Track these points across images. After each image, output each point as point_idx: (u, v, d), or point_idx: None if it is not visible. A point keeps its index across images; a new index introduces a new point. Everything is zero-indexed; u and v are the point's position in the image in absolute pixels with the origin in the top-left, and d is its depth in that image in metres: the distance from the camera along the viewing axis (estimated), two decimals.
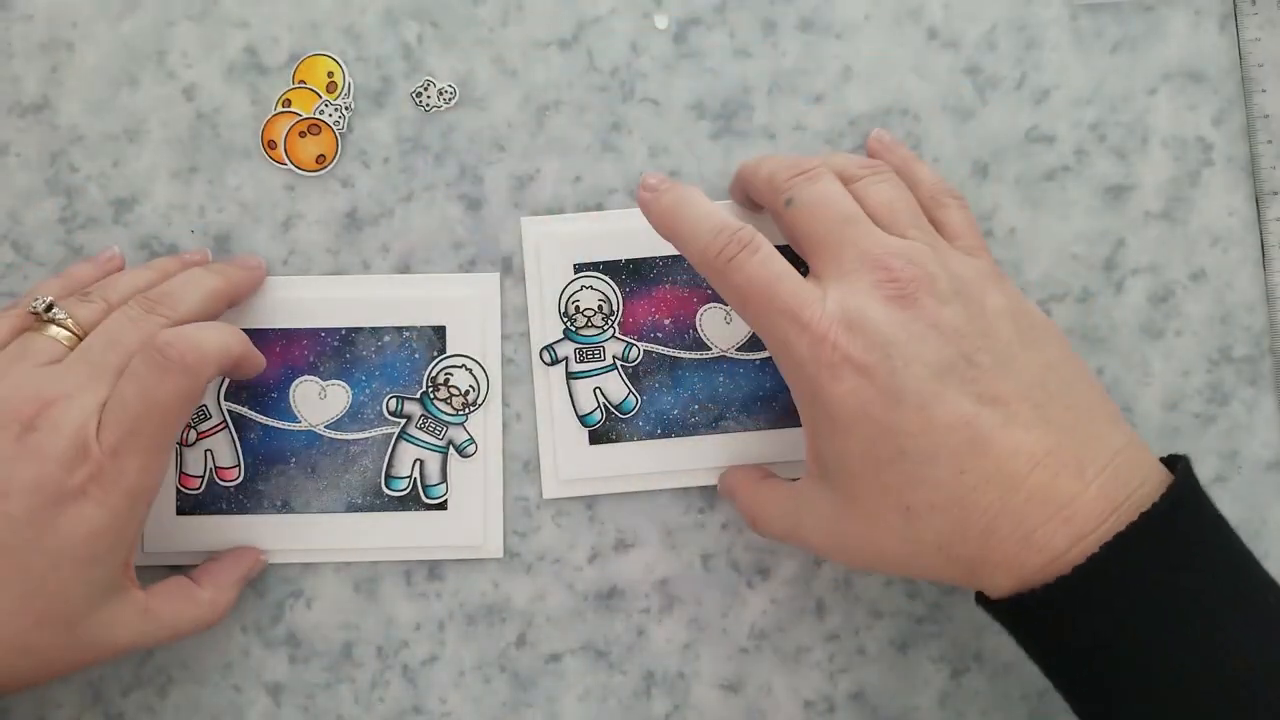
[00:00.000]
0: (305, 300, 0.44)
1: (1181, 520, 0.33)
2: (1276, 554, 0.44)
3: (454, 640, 0.44)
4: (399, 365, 0.44)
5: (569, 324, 0.44)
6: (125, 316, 0.38)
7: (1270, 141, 0.45)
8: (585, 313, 0.44)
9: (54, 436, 0.35)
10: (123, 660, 0.43)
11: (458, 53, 0.45)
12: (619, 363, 0.44)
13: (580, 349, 0.44)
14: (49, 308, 0.39)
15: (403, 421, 0.43)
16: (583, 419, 0.44)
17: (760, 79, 0.45)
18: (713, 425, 0.44)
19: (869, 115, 0.45)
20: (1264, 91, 0.45)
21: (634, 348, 0.44)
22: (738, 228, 0.36)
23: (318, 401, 0.43)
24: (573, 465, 0.44)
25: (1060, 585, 0.33)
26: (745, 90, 0.45)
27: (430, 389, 0.43)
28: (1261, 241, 0.45)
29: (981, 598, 0.36)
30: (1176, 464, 0.35)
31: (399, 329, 0.44)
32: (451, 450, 0.43)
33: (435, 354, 0.44)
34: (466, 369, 0.43)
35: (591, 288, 0.44)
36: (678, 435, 0.44)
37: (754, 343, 0.44)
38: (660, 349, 0.44)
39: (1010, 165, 0.45)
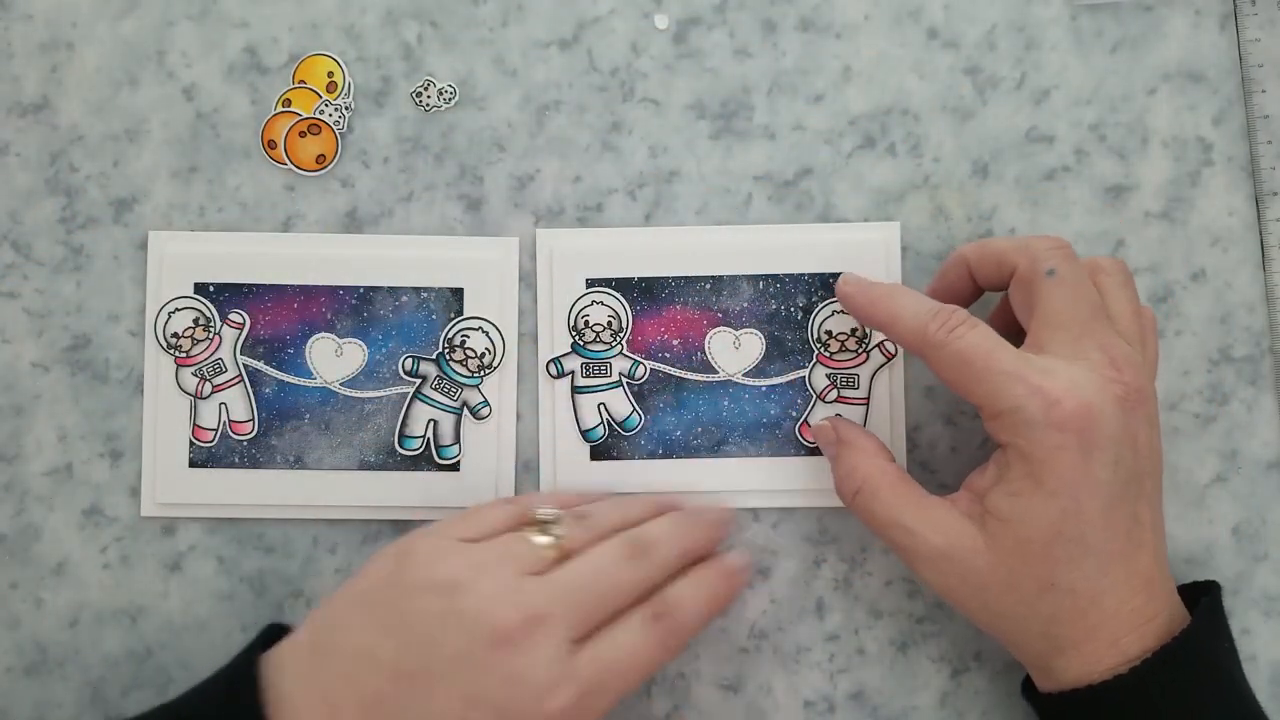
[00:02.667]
0: (324, 258, 0.44)
1: (1210, 646, 0.38)
2: (1276, 555, 0.44)
3: None
4: (416, 325, 0.44)
5: (577, 338, 0.44)
6: (613, 553, 0.37)
7: (1270, 142, 0.45)
8: (594, 328, 0.44)
9: (533, 660, 0.34)
10: (123, 659, 0.43)
11: (458, 53, 0.45)
12: (625, 380, 0.44)
13: (587, 364, 0.44)
14: (555, 520, 0.38)
15: (418, 382, 0.44)
16: (585, 434, 0.44)
17: (760, 79, 0.45)
18: (714, 449, 0.44)
19: (869, 115, 0.45)
20: (1264, 92, 0.45)
21: (641, 366, 0.44)
22: (954, 309, 0.39)
23: (334, 359, 0.44)
24: (572, 480, 0.44)
25: (1121, 681, 0.36)
26: (745, 90, 0.45)
27: (446, 350, 0.44)
28: (1261, 241, 0.45)
29: (1029, 691, 0.40)
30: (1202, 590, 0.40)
31: (417, 289, 0.44)
32: (466, 412, 0.44)
33: (452, 315, 0.44)
34: (483, 331, 0.44)
35: (602, 303, 0.44)
36: (679, 456, 0.44)
37: (761, 369, 0.44)
38: (667, 369, 0.44)
39: (1010, 165, 0.45)
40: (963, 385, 0.38)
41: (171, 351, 0.44)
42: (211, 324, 0.44)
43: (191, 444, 0.43)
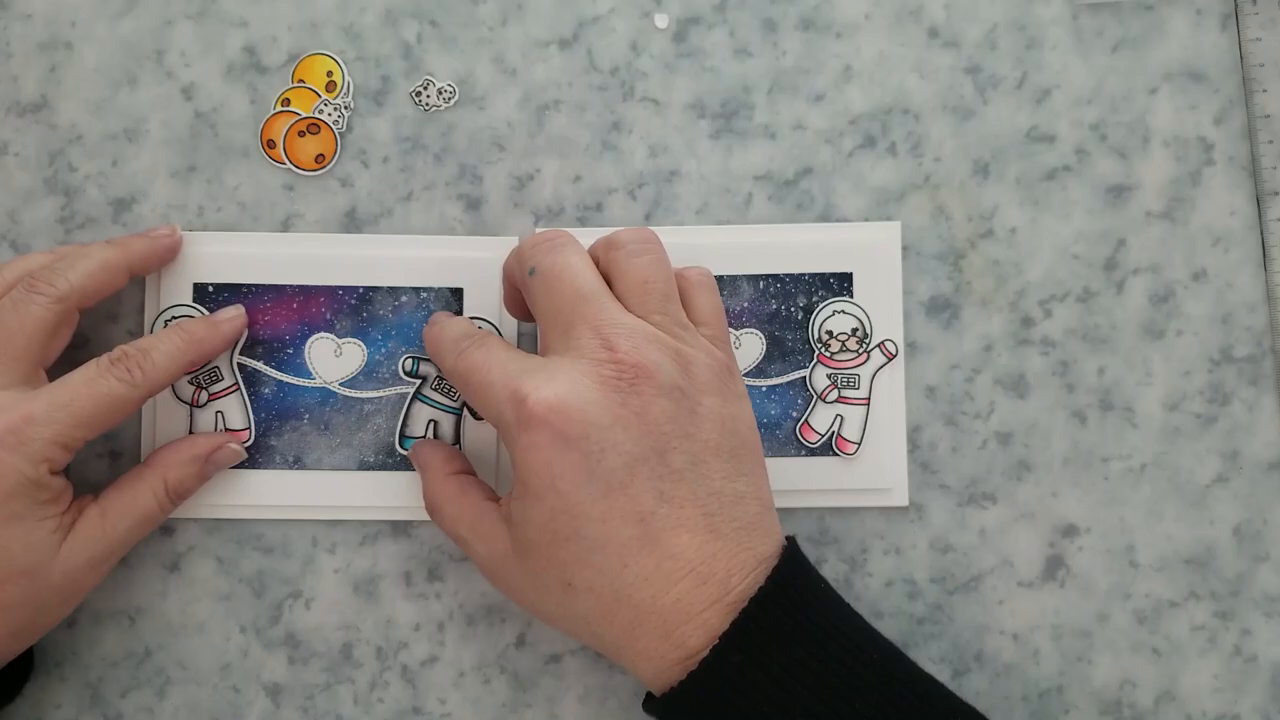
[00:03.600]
0: (323, 258, 0.44)
1: (778, 605, 0.35)
2: (1277, 555, 0.44)
3: (453, 641, 0.44)
4: (416, 325, 0.44)
5: None
6: (9, 299, 0.39)
7: (1271, 141, 0.45)
8: None
9: None
10: (122, 660, 0.43)
11: (458, 52, 0.45)
12: None
13: None
14: None
15: (418, 382, 0.44)
16: None
17: (760, 79, 0.45)
18: None
19: (869, 115, 0.45)
20: (1265, 91, 0.45)
21: None
22: (477, 330, 0.40)
23: (333, 359, 0.44)
24: None
25: (691, 680, 0.35)
26: (745, 90, 0.45)
27: None
28: (1262, 241, 0.45)
29: (649, 701, 0.38)
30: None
31: (417, 289, 0.44)
32: (466, 412, 0.44)
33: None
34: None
35: None
36: None
37: (761, 369, 0.44)
38: None
39: (1011, 165, 0.45)
40: (473, 405, 0.39)
41: None
42: None
43: None
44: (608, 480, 0.35)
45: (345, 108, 0.45)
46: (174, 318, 0.43)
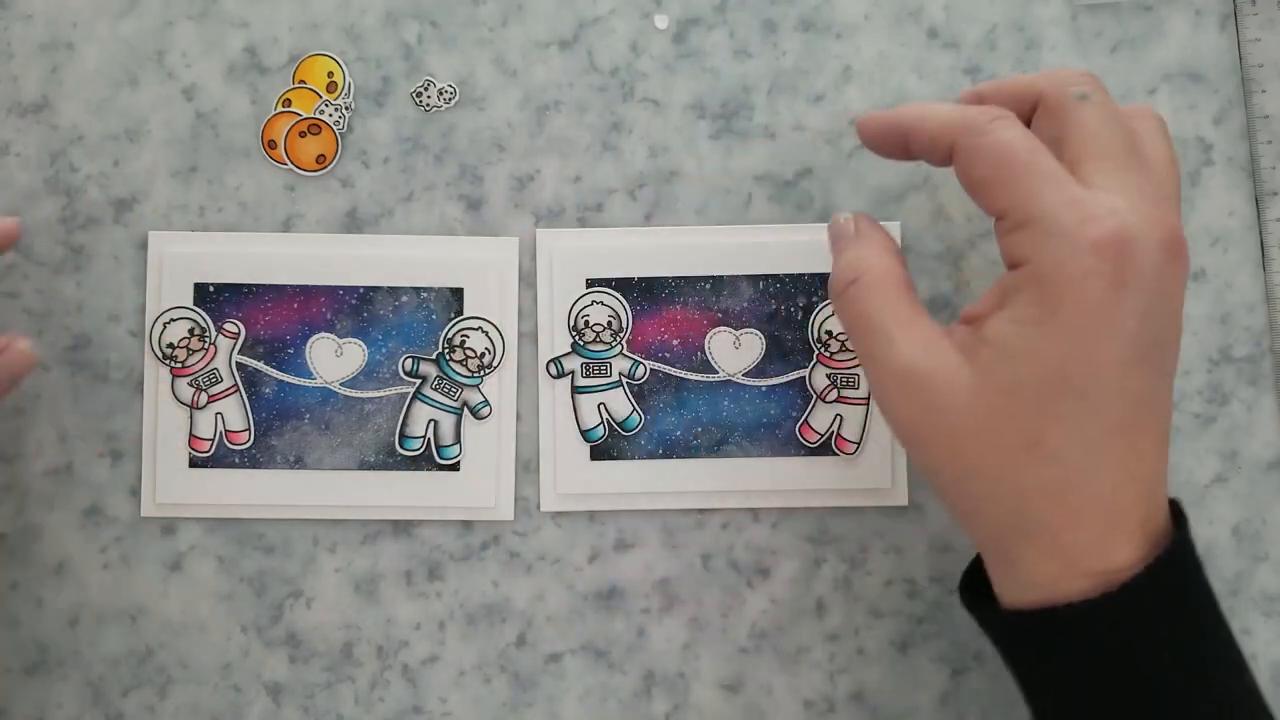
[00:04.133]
0: (324, 258, 0.44)
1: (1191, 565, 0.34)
2: (1276, 555, 0.44)
3: (454, 640, 0.44)
4: (416, 325, 0.44)
5: (577, 338, 0.44)
6: None
7: (1270, 142, 0.45)
8: (594, 328, 0.44)
9: None
10: (123, 659, 0.43)
11: (458, 53, 0.45)
12: (625, 380, 0.44)
13: (587, 364, 0.44)
14: None
15: (418, 382, 0.44)
16: (585, 434, 0.44)
17: (760, 79, 0.45)
18: (715, 449, 0.44)
19: None
20: (1264, 92, 0.45)
21: (641, 366, 0.44)
22: (988, 106, 0.34)
23: (334, 359, 0.44)
24: (572, 480, 0.44)
25: (1151, 574, 0.31)
26: (745, 90, 0.45)
27: (446, 350, 0.44)
28: (1261, 242, 0.45)
29: (975, 605, 0.35)
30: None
31: (417, 289, 0.44)
32: (466, 412, 0.44)
33: (452, 315, 0.44)
34: (483, 331, 0.44)
35: (602, 303, 0.44)
36: (679, 457, 0.44)
37: (761, 369, 0.44)
38: (667, 369, 0.44)
39: None
40: (992, 186, 0.32)
41: (167, 362, 0.43)
42: (207, 334, 0.44)
43: (189, 454, 0.44)
44: (1136, 346, 0.31)
45: (346, 108, 0.45)
46: (174, 319, 0.43)
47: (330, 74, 0.45)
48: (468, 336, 0.44)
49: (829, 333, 0.44)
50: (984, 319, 0.33)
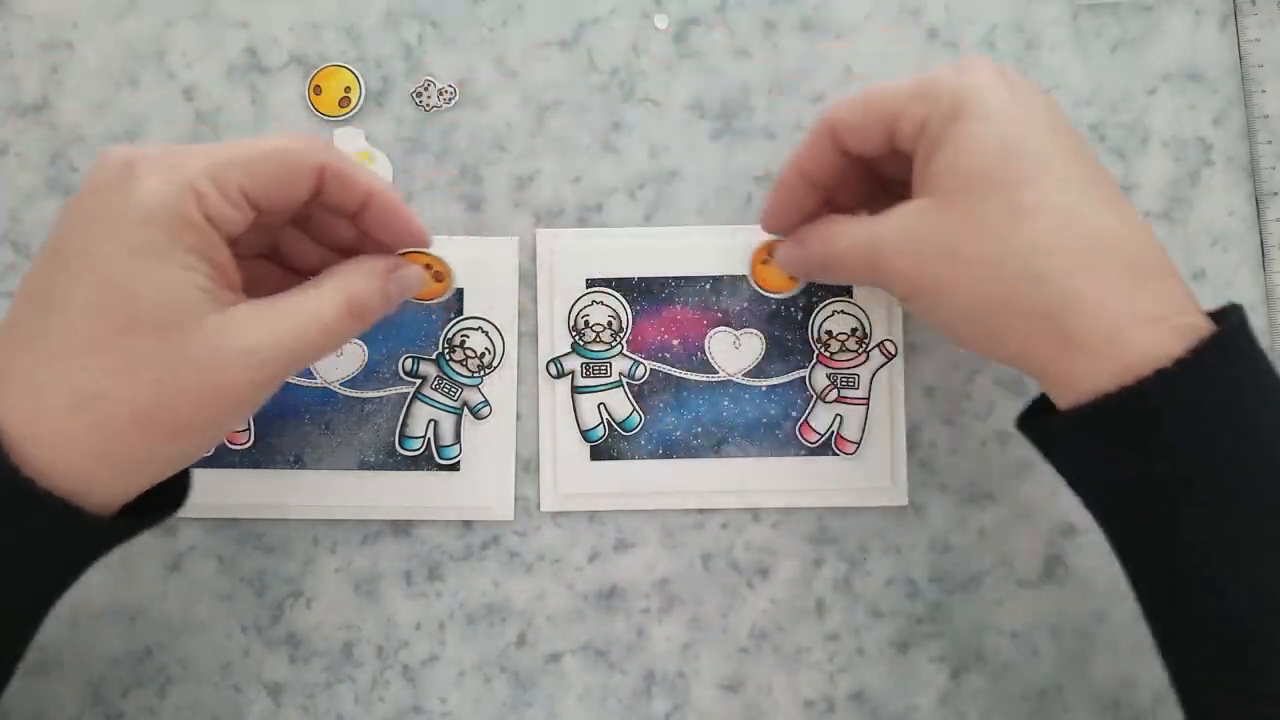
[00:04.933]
0: None
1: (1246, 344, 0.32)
2: None
3: (454, 640, 0.44)
4: (416, 326, 0.44)
5: (577, 338, 0.44)
6: None
7: (1270, 142, 0.45)
8: (594, 328, 0.44)
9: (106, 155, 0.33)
10: (123, 659, 0.43)
11: (458, 53, 0.45)
12: (625, 380, 0.44)
13: (587, 364, 0.44)
14: None
15: (418, 382, 0.44)
16: (585, 434, 0.44)
17: (760, 79, 0.45)
18: (714, 449, 0.44)
19: None
20: (1264, 92, 0.45)
21: (641, 366, 0.44)
22: None
23: (334, 359, 0.44)
24: (572, 480, 0.44)
25: (1212, 341, 0.30)
26: (745, 90, 0.45)
27: (446, 350, 0.44)
28: (1261, 242, 0.45)
29: (1032, 418, 0.34)
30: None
31: None
32: (466, 412, 0.44)
33: (452, 315, 0.44)
34: (483, 331, 0.44)
35: (602, 303, 0.44)
36: (679, 456, 0.44)
37: (761, 369, 0.44)
38: (667, 369, 0.44)
39: None
40: (873, 114, 0.35)
41: None
42: None
43: None
44: (1055, 125, 0.34)
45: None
46: None
47: (347, 88, 0.45)
48: (468, 336, 0.44)
49: (829, 332, 0.44)
50: (923, 168, 0.35)
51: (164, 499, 0.35)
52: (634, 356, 0.44)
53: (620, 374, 0.44)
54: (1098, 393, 0.31)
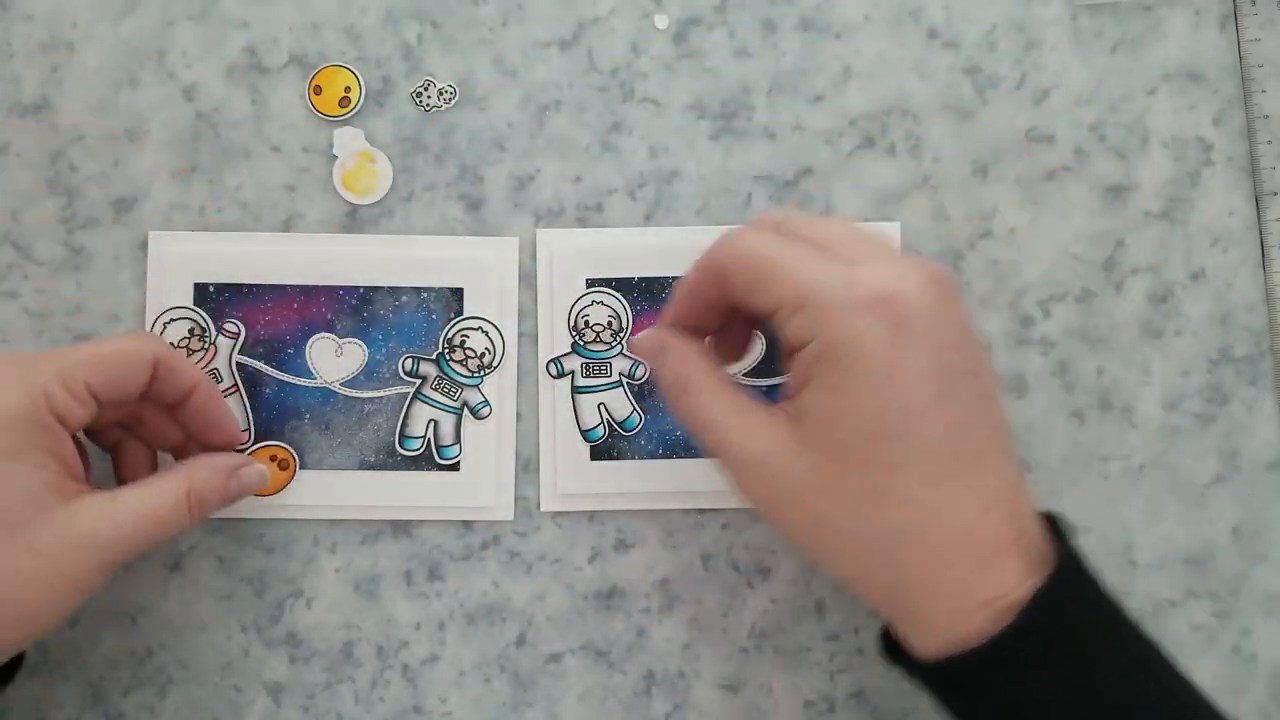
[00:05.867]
0: (324, 257, 0.44)
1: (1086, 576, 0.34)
2: (1276, 555, 0.44)
3: (454, 640, 0.44)
4: (416, 325, 0.44)
5: (577, 338, 0.44)
6: None
7: (1270, 142, 0.45)
8: (594, 328, 0.44)
9: None
10: (123, 659, 0.43)
11: (458, 53, 0.45)
12: (625, 380, 0.44)
13: (587, 364, 0.44)
14: None
15: (418, 382, 0.44)
16: (585, 434, 0.44)
17: (760, 79, 0.45)
18: None
19: (869, 115, 0.45)
20: (1264, 92, 0.45)
21: (641, 366, 0.44)
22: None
23: (334, 359, 0.44)
24: (572, 480, 0.44)
25: (1029, 617, 0.32)
26: (745, 90, 0.45)
27: (446, 350, 0.44)
28: (1261, 241, 0.45)
29: (895, 652, 0.36)
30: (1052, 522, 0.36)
31: (417, 289, 0.44)
32: (466, 412, 0.44)
33: (452, 315, 0.44)
34: (483, 331, 0.44)
35: (602, 303, 0.44)
36: (679, 456, 0.44)
37: (760, 369, 0.44)
38: None
39: (1010, 165, 0.45)
40: (757, 290, 0.34)
41: None
42: (207, 334, 0.44)
43: None
44: (940, 381, 0.32)
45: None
46: (174, 319, 0.43)
47: (347, 89, 0.45)
48: (468, 336, 0.44)
49: None
50: (797, 393, 0.34)
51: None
52: (634, 357, 0.44)
53: (620, 374, 0.44)
54: (926, 655, 0.34)
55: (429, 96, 0.45)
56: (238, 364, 0.44)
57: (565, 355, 0.44)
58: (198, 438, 0.41)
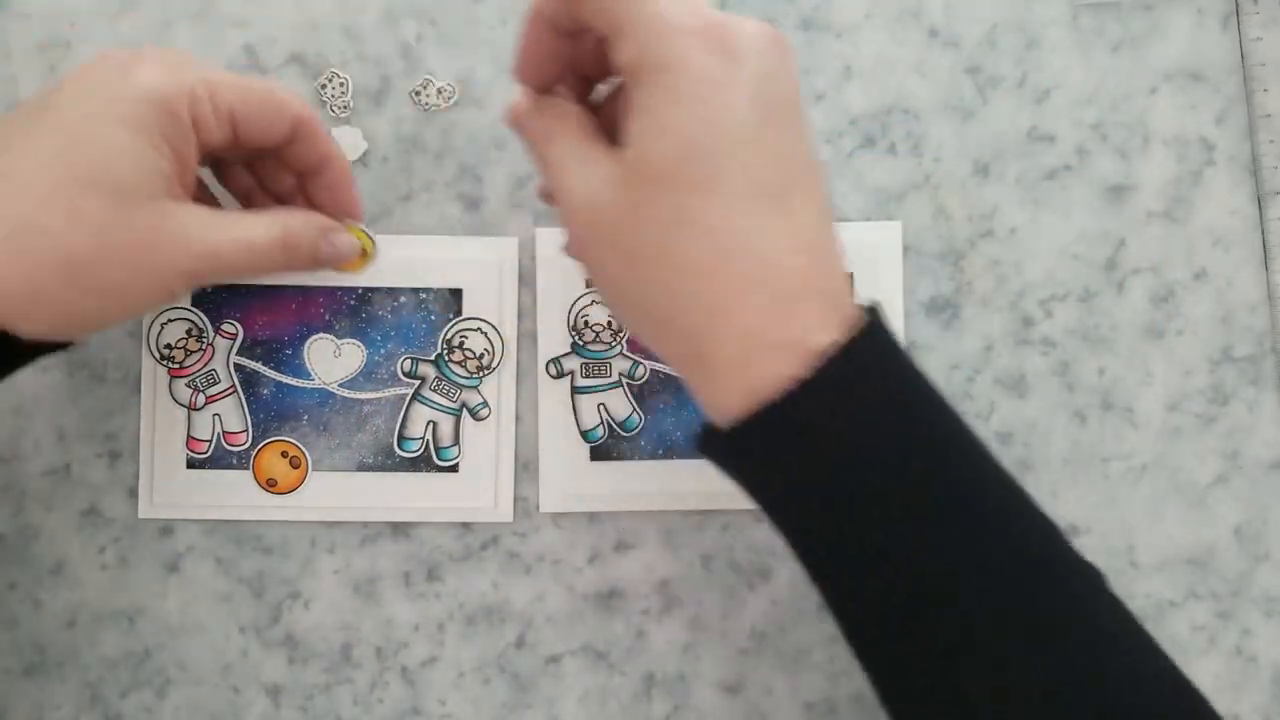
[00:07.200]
0: None
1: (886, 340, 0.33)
2: (1277, 555, 0.44)
3: (453, 641, 0.44)
4: (415, 326, 0.44)
5: (577, 338, 0.44)
6: None
7: (1272, 141, 0.45)
8: (594, 328, 0.44)
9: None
10: (122, 661, 0.43)
11: (457, 52, 0.45)
12: (625, 380, 0.44)
13: (587, 364, 0.44)
14: None
15: (417, 383, 0.44)
16: (585, 434, 0.44)
17: None
18: None
19: (869, 115, 0.45)
20: (1266, 91, 0.45)
21: (640, 366, 0.44)
22: None
23: (332, 360, 0.44)
24: (572, 481, 0.44)
25: (828, 370, 0.31)
26: None
27: (445, 351, 0.44)
28: (1263, 241, 0.45)
29: (708, 441, 0.34)
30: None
31: (416, 290, 0.44)
32: (465, 413, 0.44)
33: (451, 316, 0.44)
34: (482, 332, 0.44)
35: (602, 303, 0.44)
36: (679, 456, 0.44)
37: None
38: (667, 369, 0.44)
39: (1011, 165, 0.45)
40: (605, 10, 0.33)
41: (165, 362, 0.43)
42: (205, 335, 0.43)
43: (186, 455, 0.43)
44: (766, 108, 0.32)
45: (345, 107, 0.45)
46: (172, 319, 0.43)
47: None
48: (467, 337, 0.44)
49: None
50: (620, 120, 0.33)
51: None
52: (634, 356, 0.44)
53: (620, 374, 0.44)
54: (731, 414, 0.32)
55: (428, 95, 0.45)
56: (235, 365, 0.43)
57: (565, 355, 0.44)
58: (322, 212, 0.40)
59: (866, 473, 0.31)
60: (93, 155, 0.34)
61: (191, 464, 0.43)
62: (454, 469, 0.44)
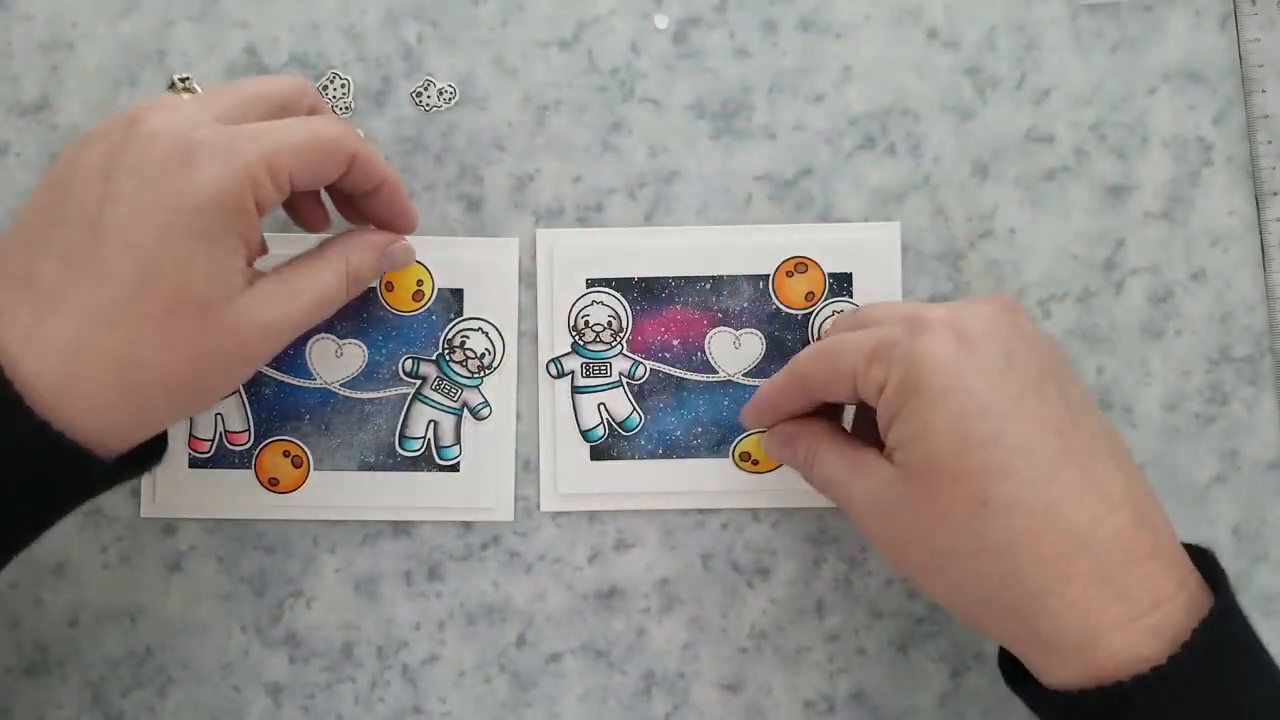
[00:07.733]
0: None
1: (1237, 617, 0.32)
2: (1276, 555, 0.44)
3: (454, 640, 0.44)
4: (416, 326, 0.44)
5: (577, 338, 0.44)
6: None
7: (1270, 141, 0.45)
8: (594, 328, 0.44)
9: (160, 116, 0.34)
10: (123, 660, 0.43)
11: (458, 53, 0.45)
12: (625, 380, 0.44)
13: (587, 364, 0.44)
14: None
15: (418, 383, 0.44)
16: (585, 434, 0.44)
17: (760, 79, 0.45)
18: (715, 449, 0.44)
19: (869, 115, 0.45)
20: (1264, 91, 0.45)
21: (641, 366, 0.44)
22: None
23: (334, 359, 0.44)
24: (572, 480, 0.44)
25: (1191, 648, 0.30)
26: (745, 90, 0.45)
27: (446, 351, 0.44)
28: (1261, 241, 0.45)
29: (1018, 680, 0.34)
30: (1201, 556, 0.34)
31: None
32: (466, 412, 0.44)
33: (452, 316, 0.44)
34: (483, 332, 0.44)
35: (602, 303, 0.44)
36: (679, 456, 0.44)
37: (761, 369, 0.44)
38: (667, 369, 0.44)
39: (1010, 165, 0.45)
40: (833, 377, 0.36)
41: None
42: None
43: (189, 453, 0.44)
44: (1021, 381, 0.32)
45: (346, 108, 0.45)
46: None
47: (420, 282, 0.44)
48: (468, 337, 0.44)
49: (829, 332, 0.44)
50: (885, 431, 0.35)
51: (150, 449, 0.37)
52: (634, 356, 0.44)
53: (620, 374, 0.44)
54: (1073, 688, 0.31)
55: (429, 96, 0.45)
56: None
57: (565, 355, 0.44)
58: (378, 225, 0.41)
59: None
60: (174, 279, 0.33)
61: (193, 463, 0.43)
62: (455, 468, 0.44)
